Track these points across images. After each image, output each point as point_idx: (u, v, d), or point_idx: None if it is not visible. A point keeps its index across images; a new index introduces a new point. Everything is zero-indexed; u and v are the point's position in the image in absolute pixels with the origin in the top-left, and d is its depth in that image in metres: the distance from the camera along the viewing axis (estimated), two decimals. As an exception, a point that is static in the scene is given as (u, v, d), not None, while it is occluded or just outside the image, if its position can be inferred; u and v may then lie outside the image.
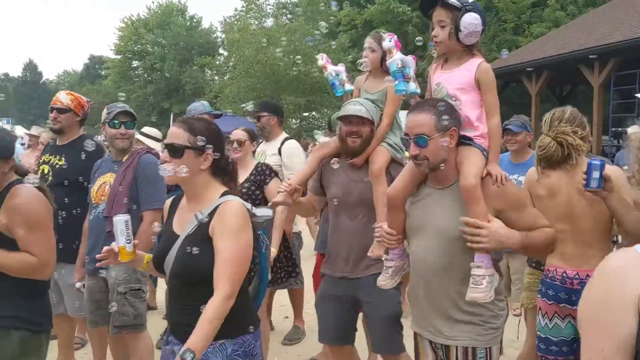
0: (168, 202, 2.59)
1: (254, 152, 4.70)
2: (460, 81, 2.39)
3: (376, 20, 29.04)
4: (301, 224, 5.78)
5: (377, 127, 3.19)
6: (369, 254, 3.02)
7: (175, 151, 2.29)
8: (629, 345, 1.29)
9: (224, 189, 2.40)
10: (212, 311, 2.14)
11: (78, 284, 3.84)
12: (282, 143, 5.13)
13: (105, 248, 2.40)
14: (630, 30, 14.34)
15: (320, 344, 5.09)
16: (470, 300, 2.25)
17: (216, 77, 37.04)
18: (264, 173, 4.40)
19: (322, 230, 4.64)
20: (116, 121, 3.81)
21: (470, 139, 2.37)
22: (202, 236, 2.27)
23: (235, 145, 4.39)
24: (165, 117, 39.46)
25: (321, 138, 10.16)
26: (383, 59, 3.12)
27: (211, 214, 2.28)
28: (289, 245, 5.11)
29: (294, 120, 26.37)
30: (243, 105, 26.24)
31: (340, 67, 3.34)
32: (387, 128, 3.22)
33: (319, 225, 4.99)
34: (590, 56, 14.78)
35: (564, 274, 3.04)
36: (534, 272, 3.65)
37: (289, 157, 5.06)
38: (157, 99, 41.37)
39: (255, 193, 4.33)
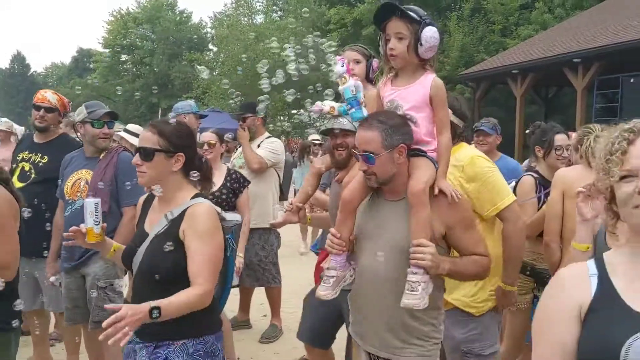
0: (142, 199, 2.65)
1: (223, 153, 4.83)
2: (415, 98, 2.34)
3: (365, 19, 29.09)
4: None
5: None
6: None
7: (146, 154, 2.36)
8: (570, 353, 1.39)
9: (195, 191, 2.48)
10: (191, 298, 2.22)
11: (52, 279, 3.88)
12: (263, 141, 5.37)
13: (73, 228, 2.47)
14: (614, 35, 14.52)
15: (296, 343, 5.19)
16: (404, 307, 2.19)
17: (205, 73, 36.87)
18: (239, 181, 4.52)
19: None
20: (100, 121, 3.84)
21: (423, 151, 2.35)
22: (172, 237, 2.33)
23: (205, 147, 4.48)
24: (153, 111, 39.43)
25: (313, 135, 10.26)
26: (368, 69, 3.14)
27: (181, 216, 2.34)
28: (268, 246, 5.21)
29: (282, 118, 26.38)
30: (232, 101, 26.22)
31: (359, 82, 2.82)
32: None
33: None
34: (575, 60, 14.95)
35: None
36: (525, 279, 3.75)
37: (263, 147, 5.31)
38: (146, 94, 41.22)
39: (232, 199, 4.45)
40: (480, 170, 2.89)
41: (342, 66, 2.70)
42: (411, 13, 2.29)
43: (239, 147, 5.65)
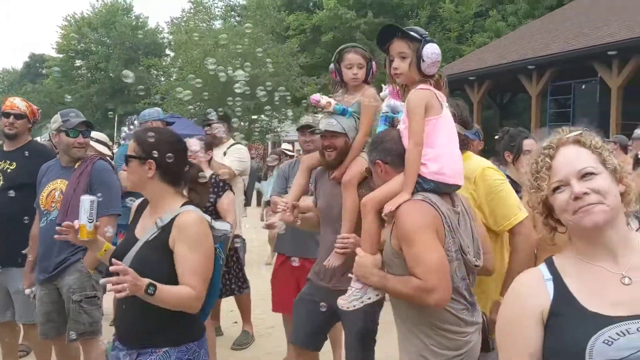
0: (137, 203, 2.65)
1: (208, 161, 4.79)
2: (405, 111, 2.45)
3: (324, 25, 29.31)
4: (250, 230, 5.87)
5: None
6: (325, 263, 2.95)
7: (125, 160, 2.44)
8: (536, 357, 1.47)
9: (183, 199, 2.48)
10: (184, 295, 2.27)
11: (27, 291, 3.80)
12: (229, 147, 5.39)
13: (66, 223, 2.46)
14: (566, 43, 15.03)
15: (268, 349, 5.21)
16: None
17: (162, 79, 36.47)
18: (218, 185, 4.49)
19: (288, 232, 4.69)
20: (75, 130, 3.77)
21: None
22: (161, 245, 2.34)
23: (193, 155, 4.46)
24: (109, 117, 38.68)
25: (285, 145, 10.29)
26: (368, 73, 3.15)
27: (170, 224, 2.36)
28: (238, 255, 5.20)
29: (242, 124, 26.27)
30: (190, 108, 26.01)
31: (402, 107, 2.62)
32: (364, 138, 3.06)
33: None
34: (529, 66, 15.41)
35: None
36: None
37: (229, 155, 5.32)
38: (101, 100, 40.42)
39: (207, 204, 4.41)
40: (492, 183, 2.83)
41: (385, 91, 2.87)
42: (412, 33, 2.38)
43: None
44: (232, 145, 5.41)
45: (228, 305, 5.71)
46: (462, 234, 2.35)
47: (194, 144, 4.52)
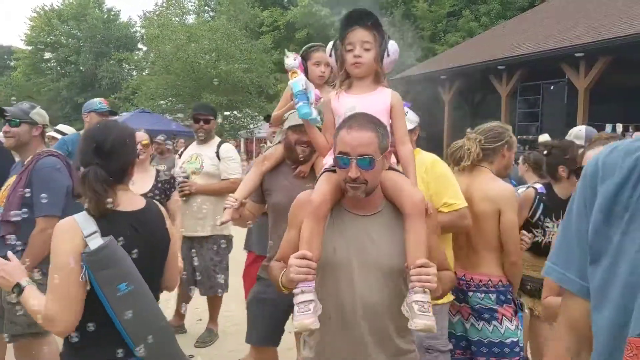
0: None
1: (160, 152, 4.73)
2: (376, 107, 2.19)
3: (298, 22, 29.28)
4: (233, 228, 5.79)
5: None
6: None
7: None
8: None
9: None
10: (40, 309, 2.03)
11: None
12: (219, 146, 5.18)
13: None
14: (535, 44, 15.24)
15: (232, 347, 5.17)
16: (421, 329, 1.92)
17: (134, 73, 36.06)
18: (169, 182, 4.44)
19: (254, 230, 4.66)
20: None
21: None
22: None
23: (139, 147, 4.36)
24: (79, 111, 38.03)
25: (270, 150, 10.14)
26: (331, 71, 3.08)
27: None
28: (222, 251, 5.14)
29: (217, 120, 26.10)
30: (161, 103, 25.74)
31: (309, 83, 2.63)
32: (332, 140, 2.99)
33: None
34: (499, 67, 15.60)
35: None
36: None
37: (227, 161, 5.12)
38: (71, 93, 39.78)
39: (164, 202, 4.34)
40: (445, 171, 3.09)
41: (295, 60, 2.63)
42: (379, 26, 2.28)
43: (183, 150, 5.50)
44: (220, 143, 5.22)
45: (194, 303, 5.65)
46: None
47: (141, 137, 4.42)
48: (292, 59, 2.66)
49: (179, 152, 5.61)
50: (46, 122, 3.76)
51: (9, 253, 2.06)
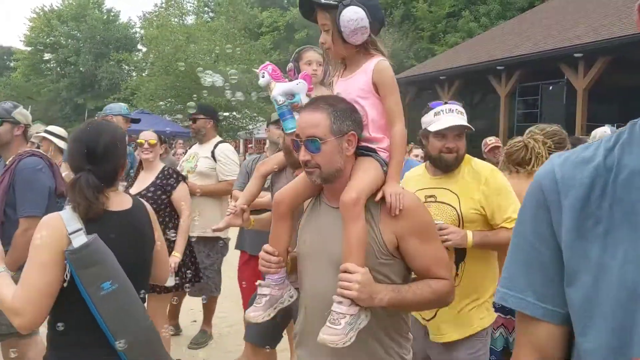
0: None
1: (162, 154, 4.68)
2: (357, 87, 2.01)
3: (298, 23, 29.27)
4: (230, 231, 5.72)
5: None
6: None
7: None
8: None
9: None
10: (7, 303, 1.96)
11: None
12: (215, 146, 5.13)
13: None
14: (535, 45, 15.22)
15: (228, 347, 5.14)
16: (320, 342, 1.79)
17: (134, 74, 36.05)
18: (171, 177, 4.35)
19: (246, 229, 4.63)
20: None
21: (373, 150, 1.99)
22: None
23: (146, 145, 4.35)
24: (79, 112, 38.05)
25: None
26: (325, 74, 3.01)
27: None
28: (214, 254, 5.10)
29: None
30: (160, 104, 25.70)
31: (292, 84, 2.42)
32: None
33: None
34: (498, 67, 15.57)
35: None
36: None
37: (223, 161, 5.08)
38: (71, 94, 39.78)
39: (162, 198, 4.28)
40: (504, 182, 2.81)
41: (263, 76, 2.42)
42: (323, 1, 1.99)
43: (184, 149, 5.49)
44: (218, 143, 5.17)
45: (188, 304, 5.62)
46: None
47: (149, 136, 4.42)
48: (260, 77, 2.44)
49: (173, 152, 5.60)
50: (29, 122, 3.72)
51: None
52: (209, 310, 5.40)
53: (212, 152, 5.08)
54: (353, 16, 1.94)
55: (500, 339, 3.17)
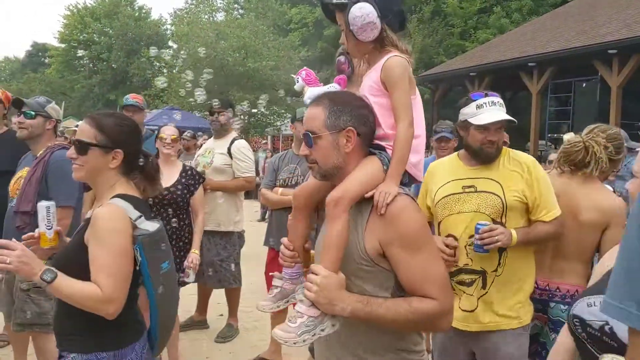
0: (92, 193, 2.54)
1: (180, 149, 4.75)
2: (369, 84, 1.96)
3: (327, 19, 29.21)
4: (245, 223, 5.74)
5: None
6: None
7: (81, 148, 2.23)
8: None
9: (122, 190, 2.26)
10: (90, 293, 2.05)
11: None
12: (232, 143, 5.18)
13: (27, 235, 2.35)
14: (567, 41, 14.94)
15: (255, 342, 5.18)
16: (272, 335, 1.84)
17: (165, 70, 36.43)
18: (194, 178, 4.48)
19: (274, 226, 4.67)
20: (20, 111, 3.68)
21: (382, 148, 1.91)
22: (79, 241, 2.20)
23: (168, 140, 4.42)
24: (111, 108, 38.59)
25: None
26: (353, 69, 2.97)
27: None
28: (230, 246, 5.16)
29: (242, 117, 26.28)
30: (192, 100, 25.93)
31: (329, 88, 2.26)
32: None
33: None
34: (530, 64, 15.33)
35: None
36: None
37: (239, 158, 5.14)
38: (103, 90, 40.41)
39: (187, 197, 4.41)
40: (544, 173, 2.83)
41: (297, 81, 2.39)
42: (335, 1, 2.00)
43: (201, 144, 5.55)
44: (234, 140, 5.20)
45: (215, 298, 5.68)
46: None
47: (171, 131, 4.48)
48: (296, 82, 2.39)
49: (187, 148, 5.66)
50: (60, 117, 3.83)
51: (15, 242, 2.08)
52: (232, 302, 5.46)
53: (229, 149, 5.13)
54: (358, 12, 1.91)
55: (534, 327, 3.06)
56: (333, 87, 2.23)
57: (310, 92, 2.24)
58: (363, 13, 1.90)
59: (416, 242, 1.76)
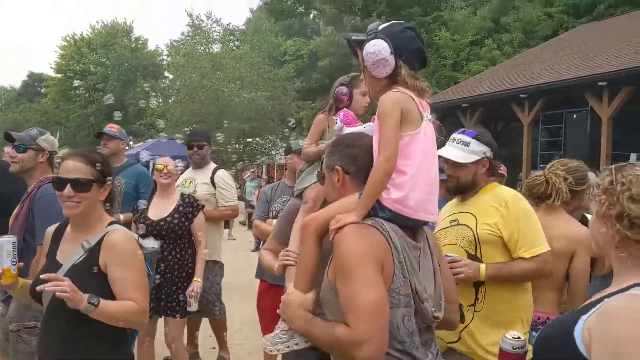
0: (51, 229, 2.56)
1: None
2: (375, 121, 2.02)
3: (321, 51, 29.59)
4: (239, 253, 5.75)
5: None
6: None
7: (83, 186, 2.33)
8: None
9: (110, 218, 2.48)
10: (132, 308, 2.27)
11: None
12: (214, 172, 5.25)
13: None
14: (558, 73, 15.16)
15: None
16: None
17: (160, 100, 36.66)
18: (192, 205, 4.47)
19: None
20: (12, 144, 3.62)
21: None
22: (89, 267, 2.30)
23: (165, 171, 4.45)
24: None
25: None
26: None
27: (98, 245, 2.33)
28: (212, 277, 5.14)
29: (237, 146, 26.41)
30: (178, 136, 26.05)
31: (365, 128, 2.31)
32: None
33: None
34: (521, 95, 15.52)
35: None
36: None
37: (223, 187, 5.21)
38: (99, 120, 40.58)
39: (185, 225, 4.39)
40: (526, 207, 2.79)
41: (337, 122, 2.42)
42: (354, 37, 2.06)
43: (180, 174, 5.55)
44: (215, 170, 5.29)
45: (208, 331, 5.64)
46: (420, 275, 1.91)
47: (168, 162, 4.51)
48: (335, 123, 2.42)
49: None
50: (54, 148, 3.74)
51: (45, 275, 2.14)
52: (220, 334, 5.42)
53: (211, 178, 5.20)
54: (371, 49, 1.95)
55: None
56: (369, 126, 2.23)
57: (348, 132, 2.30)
58: (376, 50, 1.95)
59: (347, 270, 1.77)
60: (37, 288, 2.10)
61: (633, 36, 15.16)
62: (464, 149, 2.86)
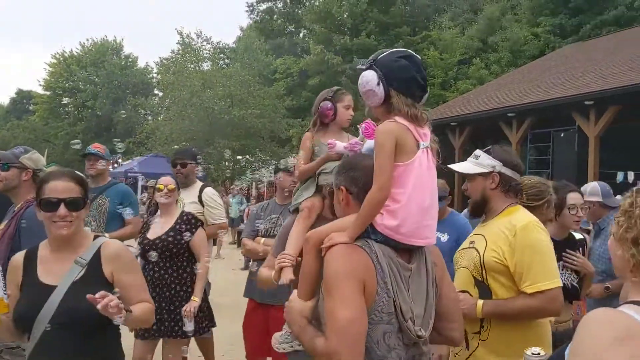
0: (19, 257, 2.48)
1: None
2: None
3: (311, 70, 29.75)
4: (228, 272, 5.72)
5: None
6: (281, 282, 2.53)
7: (77, 205, 2.40)
8: None
9: (91, 233, 2.64)
10: (148, 310, 2.49)
11: None
12: (201, 191, 5.23)
13: None
14: (545, 92, 15.33)
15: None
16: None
17: (150, 118, 36.64)
18: (189, 222, 4.41)
19: (254, 277, 4.63)
20: None
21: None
22: (93, 280, 2.33)
23: (165, 190, 4.40)
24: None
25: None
26: None
27: (96, 258, 2.41)
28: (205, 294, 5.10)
29: (227, 163, 26.41)
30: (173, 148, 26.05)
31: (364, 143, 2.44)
32: None
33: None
34: (509, 114, 15.66)
35: None
36: None
37: (211, 205, 5.20)
38: (87, 137, 40.43)
39: (182, 242, 4.33)
40: (536, 238, 2.62)
41: (360, 134, 2.45)
42: (359, 66, 2.12)
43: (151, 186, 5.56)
44: (202, 188, 5.28)
45: (197, 350, 5.58)
46: (407, 295, 1.95)
47: (168, 181, 4.48)
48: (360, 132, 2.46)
49: None
50: (38, 166, 3.69)
51: (92, 296, 2.14)
52: (207, 353, 5.35)
53: (199, 197, 5.18)
54: (360, 80, 2.06)
55: None
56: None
57: (368, 144, 2.33)
58: (363, 81, 2.05)
59: (329, 286, 1.89)
60: (100, 308, 2.09)
61: (618, 56, 15.39)
62: (473, 161, 2.87)
